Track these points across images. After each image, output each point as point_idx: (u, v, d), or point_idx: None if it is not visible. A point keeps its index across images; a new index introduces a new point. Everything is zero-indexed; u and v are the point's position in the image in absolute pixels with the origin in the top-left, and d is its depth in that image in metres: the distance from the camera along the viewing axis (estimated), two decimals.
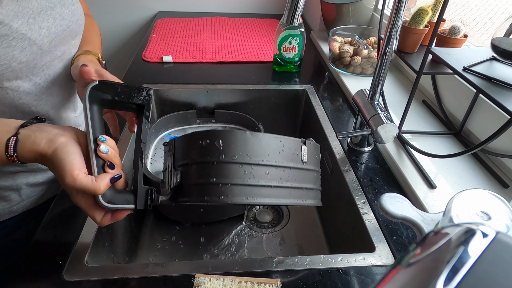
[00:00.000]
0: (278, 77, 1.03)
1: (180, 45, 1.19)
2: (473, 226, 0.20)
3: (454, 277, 0.17)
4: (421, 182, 0.63)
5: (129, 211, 0.45)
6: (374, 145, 0.75)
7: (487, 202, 0.37)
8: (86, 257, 0.50)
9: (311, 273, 0.49)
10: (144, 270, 0.48)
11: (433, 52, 0.62)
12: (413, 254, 0.20)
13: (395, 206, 0.43)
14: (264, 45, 1.23)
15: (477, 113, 0.70)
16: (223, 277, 0.47)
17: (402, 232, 0.55)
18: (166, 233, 0.77)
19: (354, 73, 1.00)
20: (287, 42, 1.00)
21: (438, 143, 0.73)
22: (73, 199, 0.42)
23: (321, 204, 0.45)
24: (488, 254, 0.18)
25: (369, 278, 0.49)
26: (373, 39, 1.05)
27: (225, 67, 1.08)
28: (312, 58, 1.18)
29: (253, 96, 0.98)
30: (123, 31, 1.63)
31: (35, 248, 0.51)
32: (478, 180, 0.63)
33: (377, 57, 0.65)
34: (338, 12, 1.16)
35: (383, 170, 0.68)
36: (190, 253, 0.73)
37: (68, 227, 0.54)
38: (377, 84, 0.66)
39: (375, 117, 0.65)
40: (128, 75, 1.02)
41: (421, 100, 0.88)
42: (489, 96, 0.50)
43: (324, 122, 0.83)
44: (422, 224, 0.42)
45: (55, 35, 0.57)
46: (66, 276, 0.47)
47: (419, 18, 0.69)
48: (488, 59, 0.60)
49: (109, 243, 0.59)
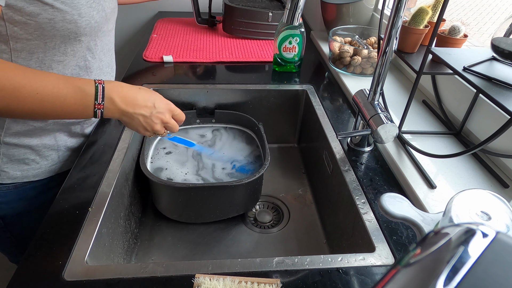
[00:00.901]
0: (278, 77, 1.03)
1: (180, 45, 1.19)
2: (473, 226, 0.20)
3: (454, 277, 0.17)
4: (421, 182, 0.63)
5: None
6: (374, 145, 0.75)
7: (487, 202, 0.37)
8: (86, 257, 0.50)
9: (311, 273, 0.49)
10: (144, 270, 0.48)
11: (433, 52, 0.62)
12: (413, 254, 0.20)
13: (395, 206, 0.43)
14: (264, 45, 1.23)
15: (477, 113, 0.70)
16: (223, 277, 0.47)
17: (402, 232, 0.55)
18: (166, 233, 0.77)
19: (354, 73, 1.00)
20: (287, 42, 1.00)
21: (438, 143, 0.73)
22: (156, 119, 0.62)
23: None
24: (488, 254, 0.18)
25: (369, 278, 0.49)
26: (373, 39, 1.05)
27: (225, 67, 1.08)
28: (312, 58, 1.18)
29: (253, 96, 0.98)
30: (123, 31, 1.63)
31: (35, 248, 0.51)
32: (478, 180, 0.63)
33: (377, 57, 0.65)
34: (338, 12, 1.16)
35: (383, 170, 0.68)
36: (190, 253, 0.73)
37: (68, 227, 0.55)
38: (377, 84, 0.66)
39: (375, 117, 0.65)
40: (128, 74, 1.02)
41: (421, 100, 0.88)
42: (489, 96, 0.50)
43: (324, 122, 0.83)
44: (422, 224, 0.42)
45: (110, 10, 0.70)
46: (66, 276, 0.47)
47: (419, 18, 0.69)
48: (488, 59, 0.60)
49: (109, 243, 0.59)
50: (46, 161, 0.72)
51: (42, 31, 0.57)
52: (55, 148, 0.72)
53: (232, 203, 0.76)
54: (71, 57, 0.65)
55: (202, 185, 0.73)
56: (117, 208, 0.64)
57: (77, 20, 0.59)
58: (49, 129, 0.69)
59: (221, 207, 0.76)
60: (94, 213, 0.57)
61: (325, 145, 0.79)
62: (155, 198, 0.78)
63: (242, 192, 0.75)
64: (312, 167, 0.93)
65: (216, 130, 0.96)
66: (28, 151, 0.68)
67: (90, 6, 0.61)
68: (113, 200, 0.62)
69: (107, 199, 0.60)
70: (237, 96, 0.97)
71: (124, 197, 0.69)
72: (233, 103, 0.98)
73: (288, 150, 1.03)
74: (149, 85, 0.96)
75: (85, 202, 0.59)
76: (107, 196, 0.60)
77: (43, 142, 0.69)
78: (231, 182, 0.72)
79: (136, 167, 0.78)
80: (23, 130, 0.66)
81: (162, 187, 0.73)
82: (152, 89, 0.95)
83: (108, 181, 0.63)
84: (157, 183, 0.71)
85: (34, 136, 0.68)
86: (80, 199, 0.59)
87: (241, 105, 0.99)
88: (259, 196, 0.83)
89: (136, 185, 0.77)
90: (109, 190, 0.61)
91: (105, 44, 0.73)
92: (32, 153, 0.69)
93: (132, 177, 0.74)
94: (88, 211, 0.57)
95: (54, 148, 0.72)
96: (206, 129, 0.96)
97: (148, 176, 0.70)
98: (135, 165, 0.77)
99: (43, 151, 0.70)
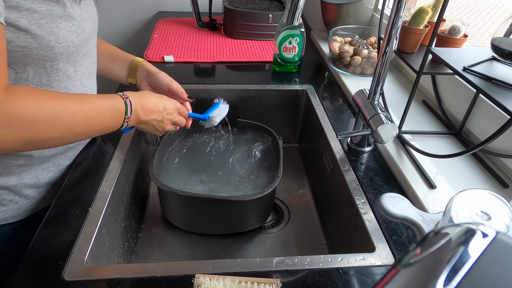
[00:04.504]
0: (278, 77, 1.03)
1: (181, 45, 1.20)
2: (473, 226, 0.20)
3: (454, 277, 0.17)
4: (421, 182, 0.63)
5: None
6: (374, 145, 0.75)
7: (487, 202, 0.37)
8: (86, 257, 0.50)
9: (311, 273, 0.49)
10: (144, 270, 0.48)
11: (433, 52, 0.62)
12: (413, 254, 0.20)
13: (395, 206, 0.43)
14: (264, 45, 1.23)
15: (477, 113, 0.70)
16: (223, 277, 0.47)
17: (402, 232, 0.55)
18: (166, 233, 0.76)
19: (354, 73, 1.00)
20: (287, 42, 1.00)
21: (438, 143, 0.73)
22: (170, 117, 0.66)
23: None
24: (488, 254, 0.18)
25: (369, 278, 0.49)
26: (373, 39, 1.05)
27: (226, 67, 1.08)
28: (312, 58, 1.18)
29: (253, 96, 0.98)
30: (123, 31, 1.63)
31: (35, 248, 0.51)
32: (478, 180, 0.63)
33: (377, 57, 0.65)
34: (338, 12, 1.16)
35: (383, 170, 0.68)
36: (190, 253, 0.73)
37: (68, 227, 0.54)
38: (377, 84, 0.66)
39: (375, 117, 0.65)
40: None
41: (421, 100, 0.88)
42: (489, 96, 0.50)
43: (324, 122, 0.83)
44: (422, 224, 0.42)
45: (90, 29, 0.62)
46: (66, 276, 0.47)
47: (419, 18, 0.69)
48: (488, 59, 0.60)
49: (109, 243, 0.59)
50: (26, 200, 0.65)
51: (13, 59, 0.50)
52: (36, 186, 0.65)
53: (240, 219, 0.73)
54: (47, 88, 0.57)
55: (205, 196, 0.68)
56: (117, 208, 0.64)
57: (54, 46, 0.53)
58: (29, 166, 0.62)
59: (224, 221, 0.72)
60: (94, 213, 0.57)
61: (325, 145, 0.79)
62: (161, 202, 0.78)
63: (250, 207, 0.72)
64: (312, 167, 0.92)
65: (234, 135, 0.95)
66: (5, 192, 0.61)
67: (69, 30, 0.54)
68: (113, 200, 0.62)
69: (107, 199, 0.60)
70: (237, 96, 0.97)
71: (124, 197, 0.69)
72: (233, 103, 0.98)
73: (288, 150, 1.03)
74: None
75: (85, 202, 0.59)
76: (107, 196, 0.60)
77: (23, 181, 0.62)
78: (236, 197, 0.68)
79: (136, 167, 0.78)
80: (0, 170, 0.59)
81: (166, 193, 0.71)
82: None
83: (108, 181, 0.63)
84: (161, 189, 0.69)
85: (12, 175, 0.61)
86: (80, 199, 0.59)
87: (241, 105, 0.99)
88: (269, 212, 0.80)
89: (136, 186, 0.77)
90: (109, 190, 0.61)
91: (86, 67, 0.65)
92: (9, 193, 0.62)
93: (132, 177, 0.74)
94: (88, 211, 0.57)
95: (35, 186, 0.65)
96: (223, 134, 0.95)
97: (153, 180, 0.69)
98: (135, 165, 0.77)
99: (23, 190, 0.63)
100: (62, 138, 0.51)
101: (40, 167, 0.64)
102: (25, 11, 0.48)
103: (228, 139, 0.93)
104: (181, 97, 0.74)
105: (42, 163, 0.64)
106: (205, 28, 1.35)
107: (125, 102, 0.58)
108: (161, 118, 0.64)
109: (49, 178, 0.66)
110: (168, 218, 0.78)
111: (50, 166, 0.65)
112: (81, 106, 0.51)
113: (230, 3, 1.27)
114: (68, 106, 0.50)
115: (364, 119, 0.68)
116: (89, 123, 0.52)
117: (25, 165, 0.61)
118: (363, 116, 0.68)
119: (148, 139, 0.90)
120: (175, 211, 0.76)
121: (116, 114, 0.56)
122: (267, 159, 0.88)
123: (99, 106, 0.54)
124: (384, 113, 0.65)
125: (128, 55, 0.79)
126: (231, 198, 0.68)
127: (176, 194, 0.67)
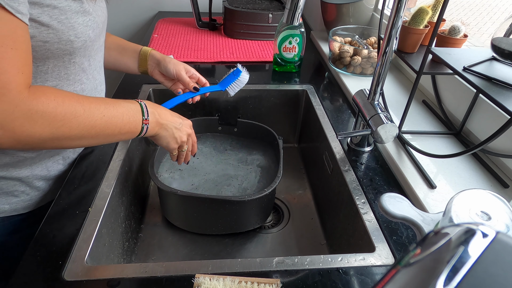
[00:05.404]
0: (278, 77, 1.03)
1: (181, 45, 1.20)
2: (473, 226, 0.20)
3: (454, 277, 0.17)
4: (421, 182, 0.63)
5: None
6: (374, 145, 0.75)
7: (487, 202, 0.37)
8: (86, 257, 0.50)
9: (311, 273, 0.49)
10: (144, 270, 0.48)
11: (433, 52, 0.62)
12: (413, 254, 0.20)
13: (395, 206, 0.43)
14: (264, 45, 1.23)
15: (477, 113, 0.70)
16: (223, 277, 0.47)
17: (402, 232, 0.55)
18: (166, 233, 0.76)
19: (354, 73, 1.00)
20: (287, 42, 1.00)
21: (438, 143, 0.73)
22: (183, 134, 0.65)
23: None
24: (488, 254, 0.18)
25: (369, 278, 0.49)
26: (373, 39, 1.05)
27: (226, 67, 1.08)
28: (312, 58, 1.18)
29: (253, 96, 0.98)
30: (123, 31, 1.63)
31: (35, 248, 0.51)
32: (478, 180, 0.63)
33: (377, 57, 0.65)
34: (338, 12, 1.16)
35: (383, 170, 0.68)
36: (190, 253, 0.73)
37: (68, 227, 0.54)
38: (377, 84, 0.66)
39: (375, 117, 0.65)
40: (129, 74, 1.02)
41: (421, 100, 0.88)
42: (489, 96, 0.50)
43: (324, 122, 0.83)
44: (422, 224, 0.42)
45: (102, 23, 0.64)
46: (66, 276, 0.47)
47: (419, 18, 0.69)
48: (488, 59, 0.60)
49: (109, 243, 0.59)
50: (37, 191, 0.67)
51: (34, 54, 0.53)
52: (46, 178, 0.67)
53: (240, 219, 0.73)
54: (64, 81, 0.60)
55: (205, 196, 0.68)
56: (117, 208, 0.64)
57: (73, 41, 0.56)
58: (40, 158, 0.64)
59: (224, 221, 0.73)
60: (94, 213, 0.57)
61: (325, 145, 0.79)
62: (161, 202, 0.78)
63: (250, 207, 0.72)
64: (312, 167, 0.92)
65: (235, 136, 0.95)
66: (17, 183, 0.64)
67: (86, 25, 0.57)
68: (113, 200, 0.62)
69: (107, 199, 0.60)
70: (237, 96, 0.97)
71: (124, 197, 0.69)
72: (233, 103, 0.98)
73: (288, 150, 1.03)
74: (150, 85, 0.96)
75: (85, 202, 0.59)
76: (107, 196, 0.60)
77: (34, 173, 0.65)
78: (236, 197, 0.68)
79: (136, 167, 0.78)
80: (12, 162, 0.61)
81: (166, 193, 0.71)
82: (152, 89, 0.95)
83: (108, 181, 0.63)
84: (161, 189, 0.69)
85: (24, 167, 0.63)
86: (80, 199, 0.59)
87: (241, 105, 0.99)
88: (269, 212, 0.80)
89: (136, 186, 0.77)
90: (109, 190, 0.61)
91: (98, 61, 0.68)
92: (21, 184, 0.64)
93: (132, 177, 0.74)
94: (88, 211, 0.57)
95: (45, 178, 0.67)
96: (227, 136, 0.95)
97: (154, 182, 0.69)
98: (135, 165, 0.77)
99: (34, 182, 0.66)
100: (81, 137, 0.52)
101: (50, 160, 0.66)
102: (46, 7, 0.50)
103: (228, 139, 0.94)
104: (188, 87, 0.76)
105: (52, 156, 0.66)
106: (205, 28, 1.35)
107: (140, 104, 0.59)
108: (179, 125, 0.65)
109: (58, 170, 0.68)
110: (168, 218, 0.78)
111: (59, 159, 0.67)
112: (98, 106, 0.53)
113: (230, 3, 1.27)
114: (86, 105, 0.51)
115: (364, 119, 0.68)
116: (107, 122, 0.53)
117: (35, 157, 0.63)
118: (363, 116, 0.68)
119: (149, 139, 0.90)
120: (175, 211, 0.76)
121: (133, 115, 0.57)
122: (267, 159, 0.88)
123: (115, 106, 0.55)
124: (384, 113, 0.65)
125: (135, 45, 0.81)
126: (231, 198, 0.68)
127: (176, 194, 0.67)
